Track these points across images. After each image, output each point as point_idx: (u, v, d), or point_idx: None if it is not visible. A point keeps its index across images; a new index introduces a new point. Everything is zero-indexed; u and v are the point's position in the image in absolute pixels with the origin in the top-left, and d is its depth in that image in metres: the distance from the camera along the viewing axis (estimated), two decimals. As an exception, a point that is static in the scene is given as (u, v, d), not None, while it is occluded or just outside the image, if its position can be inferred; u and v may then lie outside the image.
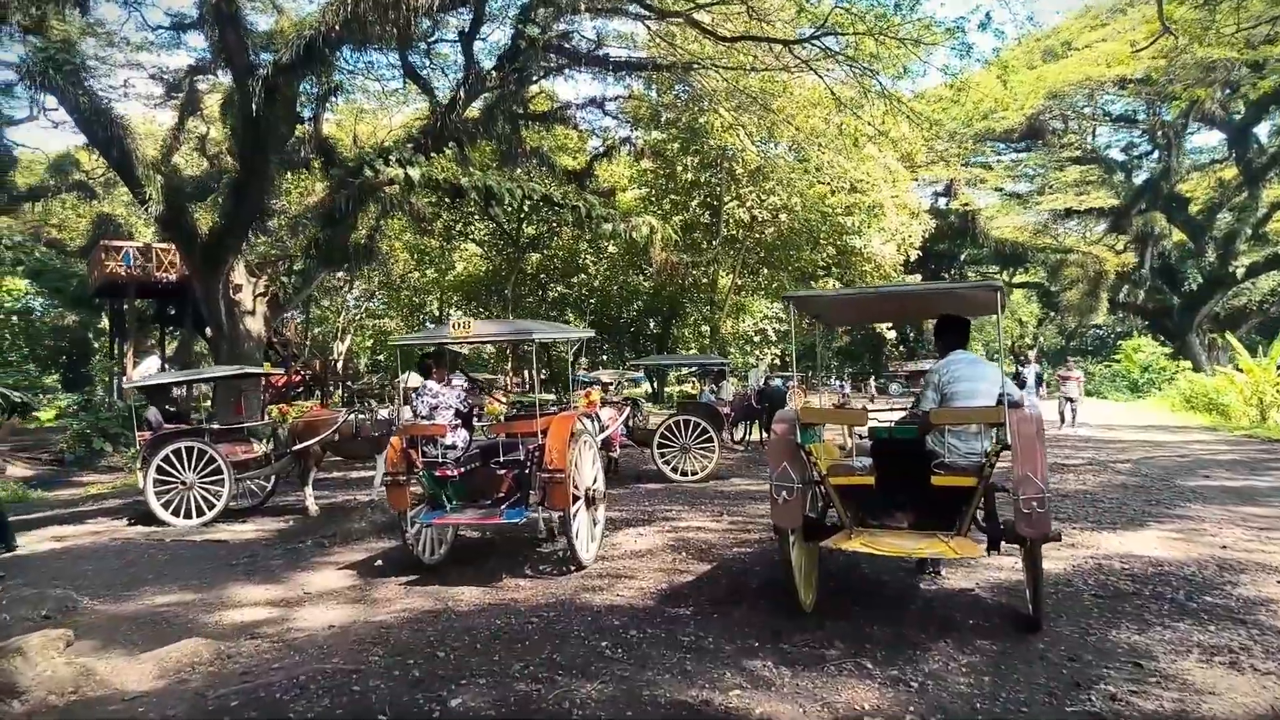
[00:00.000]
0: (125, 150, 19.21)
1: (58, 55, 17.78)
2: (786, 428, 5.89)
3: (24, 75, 18.85)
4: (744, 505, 11.27)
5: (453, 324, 7.19)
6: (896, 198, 28.82)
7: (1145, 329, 44.08)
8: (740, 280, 32.82)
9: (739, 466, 15.71)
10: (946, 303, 6.19)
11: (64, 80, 17.92)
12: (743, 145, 27.88)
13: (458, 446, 7.46)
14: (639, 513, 10.77)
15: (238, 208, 20.33)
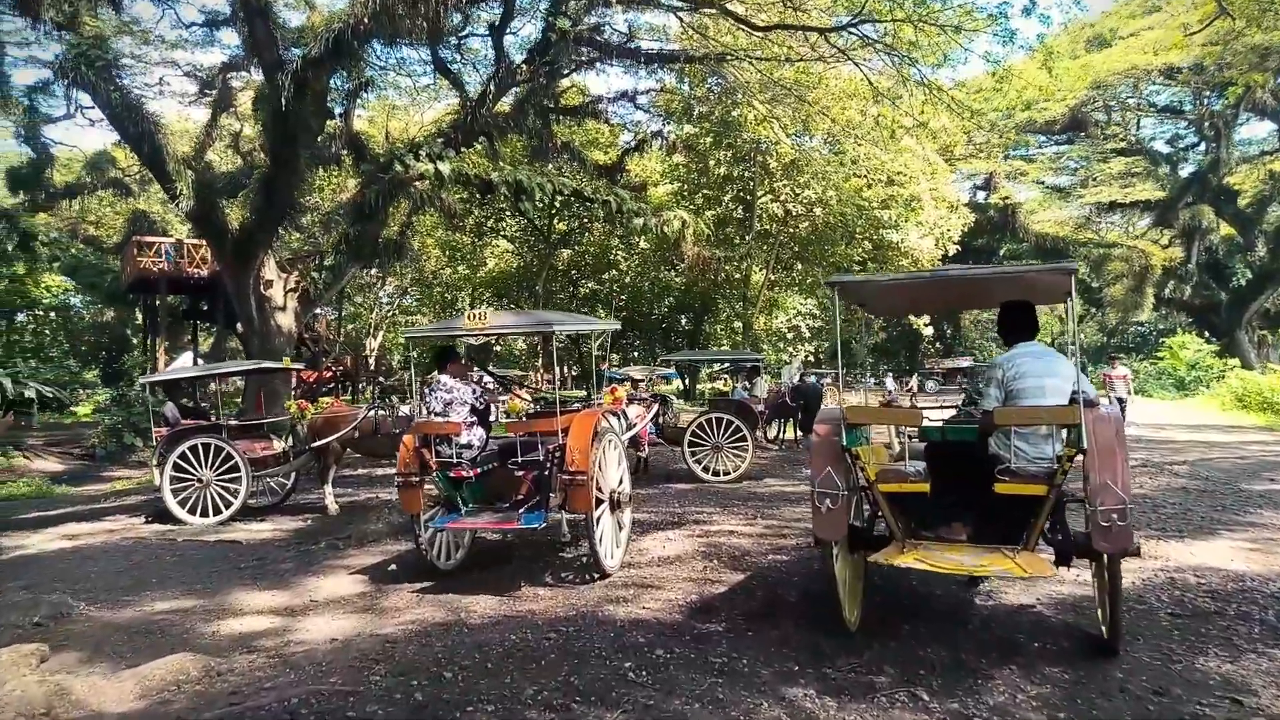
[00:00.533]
0: (156, 146, 19.00)
1: (90, 51, 17.61)
2: (830, 429, 5.27)
3: (57, 71, 18.75)
4: (779, 508, 10.64)
5: (468, 315, 6.66)
6: (935, 190, 27.90)
7: (1190, 326, 42.71)
8: (774, 275, 32.07)
9: (773, 466, 15.07)
10: (1011, 288, 5.51)
11: (96, 76, 17.74)
12: (777, 138, 27.16)
13: (474, 446, 6.91)
14: (668, 515, 10.19)
15: (268, 203, 20.05)
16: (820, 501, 5.12)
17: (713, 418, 13.17)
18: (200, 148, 25.94)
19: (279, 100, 18.37)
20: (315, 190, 30.43)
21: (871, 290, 5.70)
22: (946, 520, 5.29)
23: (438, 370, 7.13)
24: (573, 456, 6.60)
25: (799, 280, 32.62)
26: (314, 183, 27.78)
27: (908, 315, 13.50)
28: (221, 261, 21.63)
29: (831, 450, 5.19)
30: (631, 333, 39.57)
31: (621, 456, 7.60)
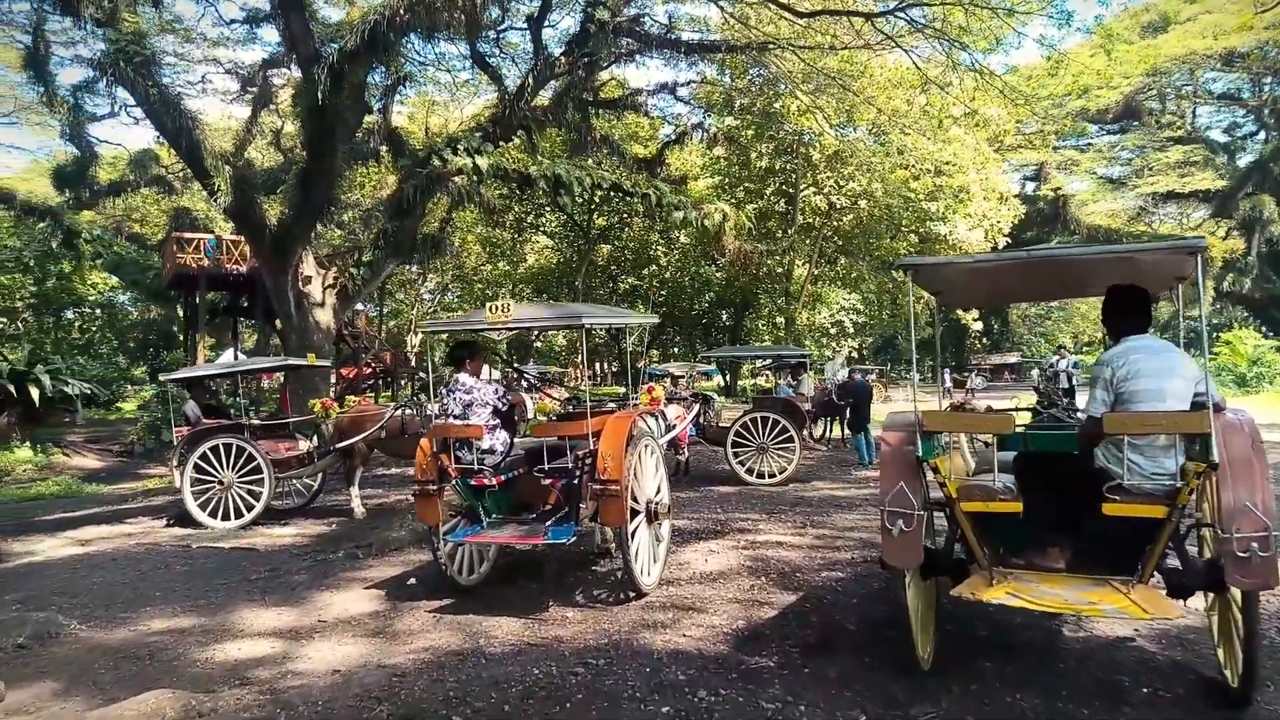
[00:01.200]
0: (194, 141, 18.64)
1: (128, 47, 17.32)
2: (902, 436, 4.45)
3: (96, 66, 18.47)
4: (830, 515, 9.80)
5: (490, 307, 5.92)
6: (985, 180, 26.67)
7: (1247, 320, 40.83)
8: (817, 270, 31.04)
9: (820, 467, 14.20)
10: (1119, 271, 4.63)
11: (134, 71, 17.42)
12: (820, 129, 26.16)
13: (496, 451, 6.17)
14: (710, 522, 9.39)
15: (305, 198, 19.61)
16: (891, 522, 4.31)
17: (757, 417, 12.35)
18: (240, 145, 25.59)
19: (315, 94, 17.95)
20: (355, 187, 30.09)
21: (951, 274, 4.84)
22: (1041, 545, 4.45)
23: (455, 368, 6.41)
24: (605, 464, 5.85)
25: (843, 274, 31.56)
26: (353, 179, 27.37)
27: (989, 304, 12.38)
28: (260, 257, 21.28)
29: (904, 462, 4.38)
30: (671, 329, 38.78)
31: (659, 463, 6.83)
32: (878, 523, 8.93)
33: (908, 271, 4.52)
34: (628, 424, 6.18)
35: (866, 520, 9.32)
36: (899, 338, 39.04)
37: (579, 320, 6.03)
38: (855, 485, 12.30)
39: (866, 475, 13.36)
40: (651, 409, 7.46)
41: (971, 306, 16.39)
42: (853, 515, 9.71)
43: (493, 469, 6.11)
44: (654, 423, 8.05)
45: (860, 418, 14.40)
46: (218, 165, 19.13)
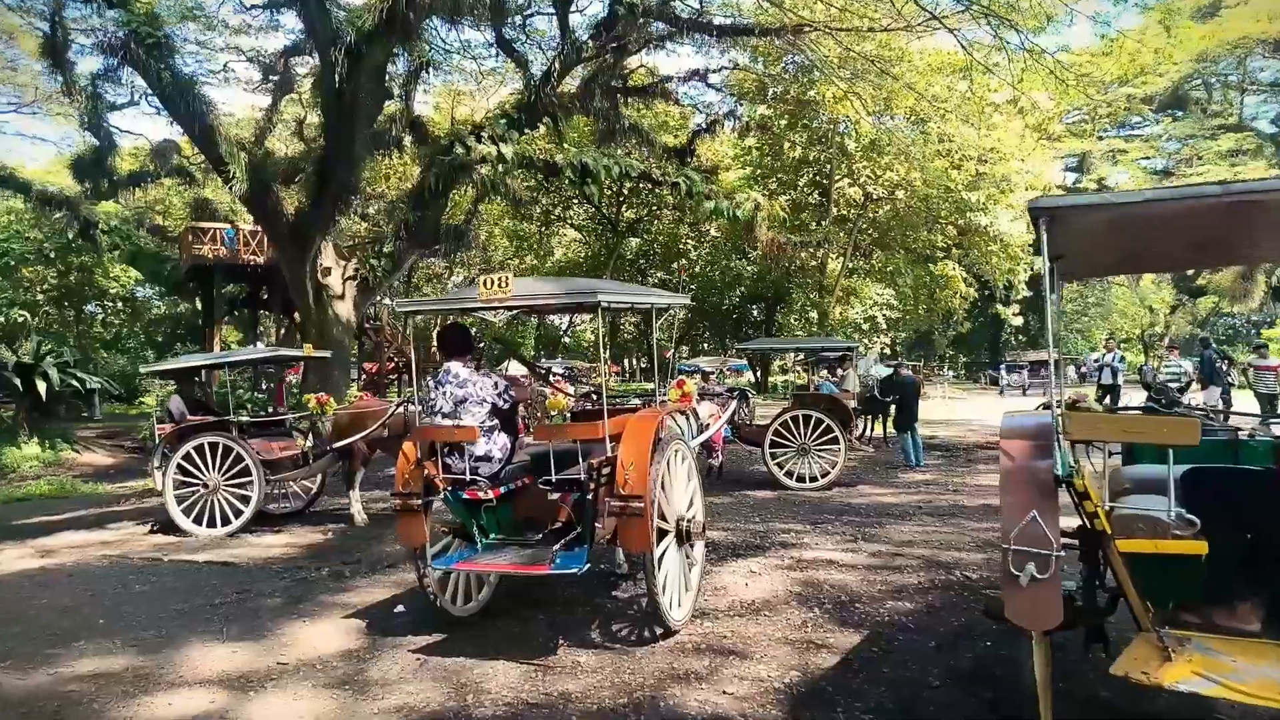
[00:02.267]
0: (207, 126, 17.71)
1: (140, 29, 16.41)
2: (1032, 447, 3.18)
3: (106, 50, 17.58)
4: (883, 525, 8.50)
5: (484, 281, 4.72)
6: (1031, 168, 25.07)
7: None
8: (851, 263, 29.58)
9: (864, 470, 12.88)
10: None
11: (146, 54, 16.51)
12: (857, 117, 24.73)
13: (493, 458, 4.96)
14: (748, 535, 8.14)
15: (323, 185, 18.64)
16: (1019, 565, 3.04)
17: (798, 415, 11.06)
18: (261, 133, 24.66)
19: (333, 77, 16.95)
20: (380, 179, 29.13)
21: (1096, 223, 3.53)
22: (1227, 598, 3.16)
23: (445, 355, 5.20)
24: (625, 474, 4.64)
25: (878, 268, 30.05)
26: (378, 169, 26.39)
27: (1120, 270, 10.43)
28: (277, 248, 20.38)
29: (1037, 482, 3.11)
30: (701, 324, 37.45)
31: (692, 471, 5.61)
32: (939, 535, 7.62)
33: (1040, 220, 3.24)
34: (653, 425, 4.96)
35: (925, 533, 8.04)
36: (935, 333, 37.47)
37: (593, 297, 4.78)
38: (906, 490, 10.98)
39: (916, 478, 12.05)
40: (682, 406, 6.22)
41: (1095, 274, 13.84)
42: (908, 527, 8.42)
43: (489, 480, 4.91)
44: (685, 422, 6.84)
45: (907, 415, 13.05)
46: (233, 151, 18.21)
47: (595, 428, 4.81)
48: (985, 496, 10.18)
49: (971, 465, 13.29)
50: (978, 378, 45.24)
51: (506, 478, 5.01)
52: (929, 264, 29.87)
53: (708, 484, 11.12)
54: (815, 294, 30.05)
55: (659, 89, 26.44)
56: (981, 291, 32.44)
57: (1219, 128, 33.27)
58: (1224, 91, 34.43)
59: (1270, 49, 30.90)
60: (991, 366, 44.29)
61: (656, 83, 26.36)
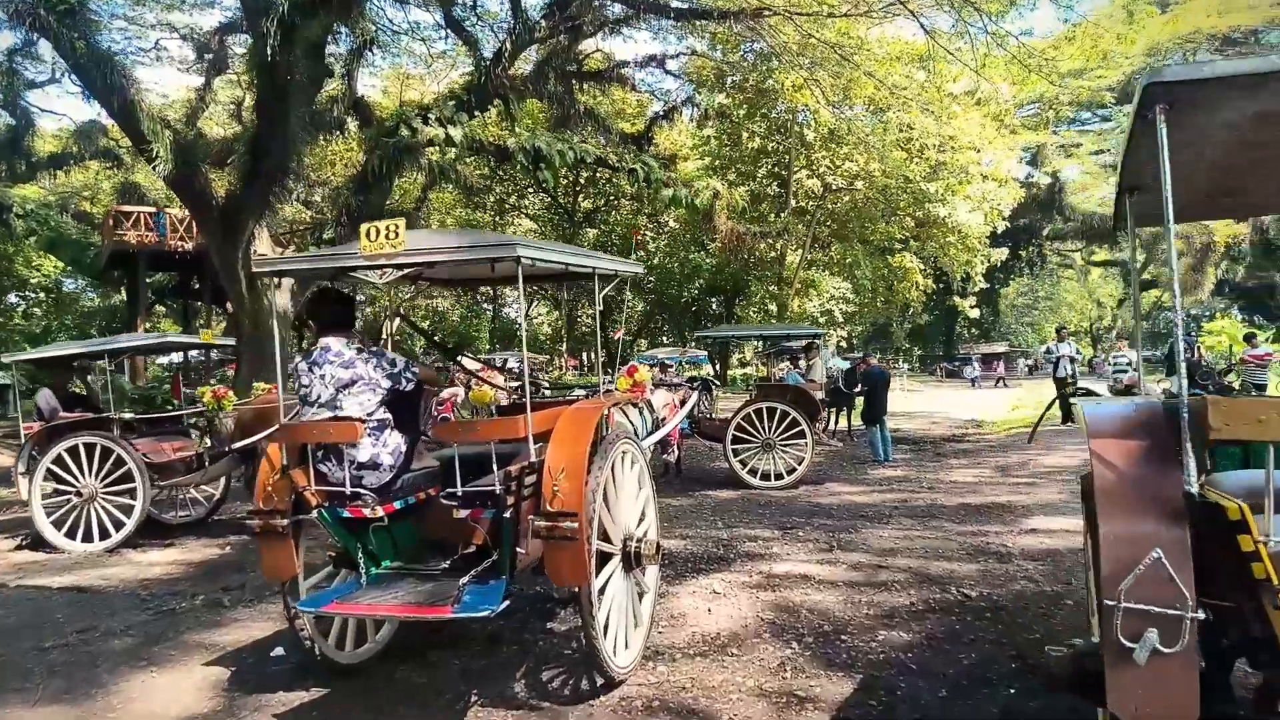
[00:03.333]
0: (128, 101, 16.08)
1: (49, -8, 14.72)
2: (1146, 451, 2.07)
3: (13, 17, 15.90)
4: (859, 530, 7.43)
5: (368, 231, 3.51)
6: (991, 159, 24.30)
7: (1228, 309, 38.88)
8: (810, 255, 28.66)
9: (831, 465, 11.86)
10: None
11: (57, 22, 14.84)
12: (816, 106, 23.77)
13: (382, 463, 3.73)
14: (710, 543, 7.02)
15: (256, 167, 17.12)
16: (1133, 634, 1.94)
17: (762, 408, 9.98)
18: (193, 113, 22.98)
19: (265, 50, 15.47)
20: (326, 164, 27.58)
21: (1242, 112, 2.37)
22: None
23: (317, 332, 3.96)
24: (554, 484, 3.47)
25: (837, 259, 29.17)
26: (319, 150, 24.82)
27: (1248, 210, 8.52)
28: (206, 233, 18.84)
29: (1159, 504, 2.00)
30: (660, 316, 36.35)
31: (644, 477, 4.45)
32: (923, 541, 6.57)
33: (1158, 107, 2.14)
34: (593, 421, 3.80)
35: (907, 539, 6.99)
36: (893, 325, 36.83)
37: (511, 252, 3.57)
38: (878, 488, 9.95)
39: (887, 474, 11.04)
40: (633, 397, 5.07)
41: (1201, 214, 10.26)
42: (887, 531, 7.36)
43: (378, 492, 3.70)
44: (639, 417, 5.69)
45: (876, 408, 12.05)
46: (156, 129, 16.60)
47: (514, 424, 3.62)
48: (963, 494, 9.21)
49: (942, 460, 12.34)
50: (933, 370, 44.80)
51: (403, 489, 3.81)
52: (887, 256, 29.07)
53: (664, 483, 10.00)
54: (774, 286, 29.11)
55: (615, 74, 25.31)
56: (938, 283, 31.76)
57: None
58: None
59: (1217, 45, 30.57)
60: (947, 360, 43.95)
61: (612, 68, 25.23)
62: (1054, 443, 13.25)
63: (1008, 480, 10.03)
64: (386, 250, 3.48)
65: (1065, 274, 46.27)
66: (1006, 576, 5.67)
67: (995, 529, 7.32)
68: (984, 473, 10.78)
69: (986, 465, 11.49)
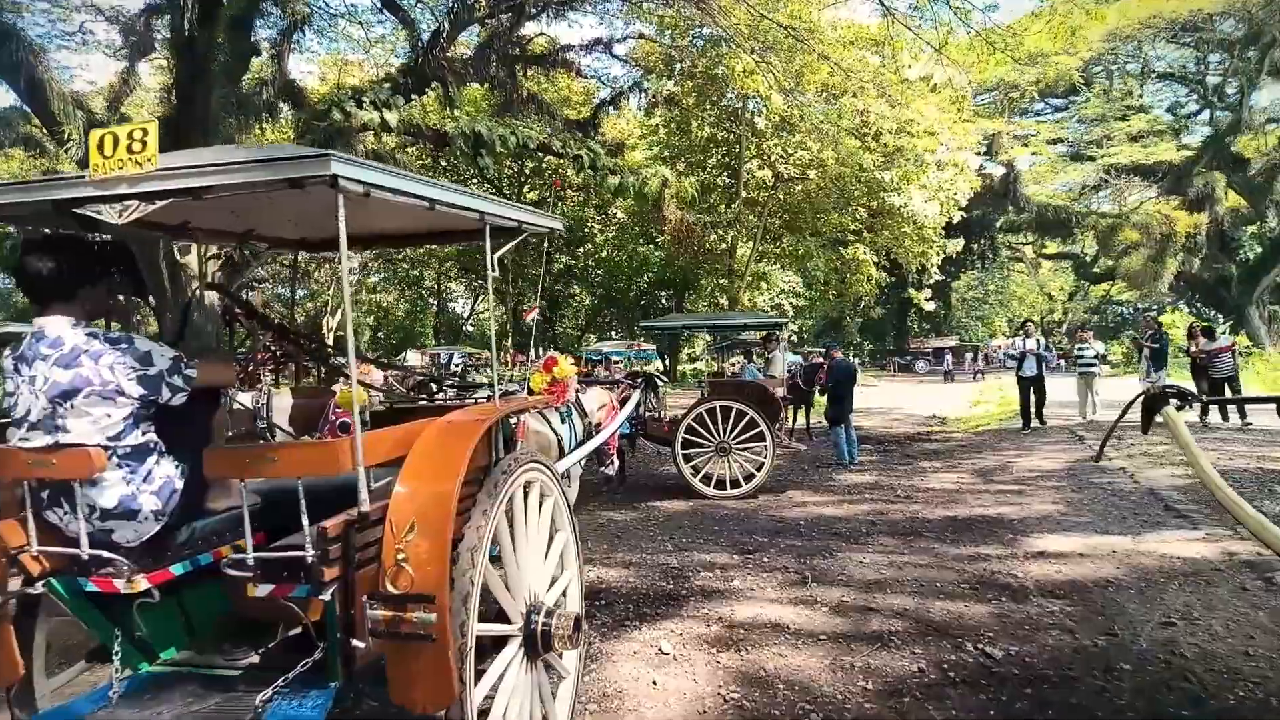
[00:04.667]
0: (35, 79, 14.27)
1: (-72, -52, 12.95)
2: None
3: (-117, -28, 14.04)
4: (834, 554, 6.20)
5: (98, 144, 2.15)
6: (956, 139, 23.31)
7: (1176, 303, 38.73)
8: (761, 247, 27.56)
9: (793, 470, 10.64)
10: None
11: (-58, -16, 13.07)
12: (768, 91, 22.65)
13: (142, 510, 2.36)
14: (657, 573, 5.73)
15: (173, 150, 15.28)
16: None
17: (716, 407, 8.71)
18: (116, 97, 21.07)
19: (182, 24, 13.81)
20: (255, 149, 25.72)
21: None
22: None
23: (39, 308, 2.54)
24: (398, 550, 2.14)
25: (789, 251, 28.11)
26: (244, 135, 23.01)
27: None
28: (124, 221, 16.96)
29: None
30: (608, 311, 35.04)
31: (562, 517, 3.12)
32: (913, 569, 5.34)
33: None
34: (468, 441, 2.46)
35: (893, 566, 5.78)
36: (845, 318, 35.95)
37: (323, 169, 2.17)
38: (848, 497, 8.74)
39: (854, 479, 9.86)
40: (552, 398, 3.74)
41: None
42: (869, 555, 6.14)
43: (139, 553, 2.34)
44: (564, 424, 4.38)
45: (842, 406, 10.87)
46: (68, 110, 14.81)
47: (334, 452, 2.25)
48: (945, 505, 8.04)
49: (912, 462, 11.18)
50: (885, 364, 44.07)
51: (188, 546, 2.44)
52: (840, 248, 28.11)
53: (605, 495, 8.71)
54: (724, 279, 27.97)
55: (559, 59, 23.95)
56: (891, 276, 30.91)
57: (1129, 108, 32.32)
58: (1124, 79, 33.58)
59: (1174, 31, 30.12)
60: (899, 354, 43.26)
61: (557, 51, 23.87)
62: (1026, 443, 12.23)
63: (991, 487, 8.89)
64: (129, 172, 2.12)
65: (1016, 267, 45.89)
66: (1031, 624, 4.46)
67: (995, 551, 6.13)
68: (963, 478, 9.64)
69: (963, 469, 10.37)
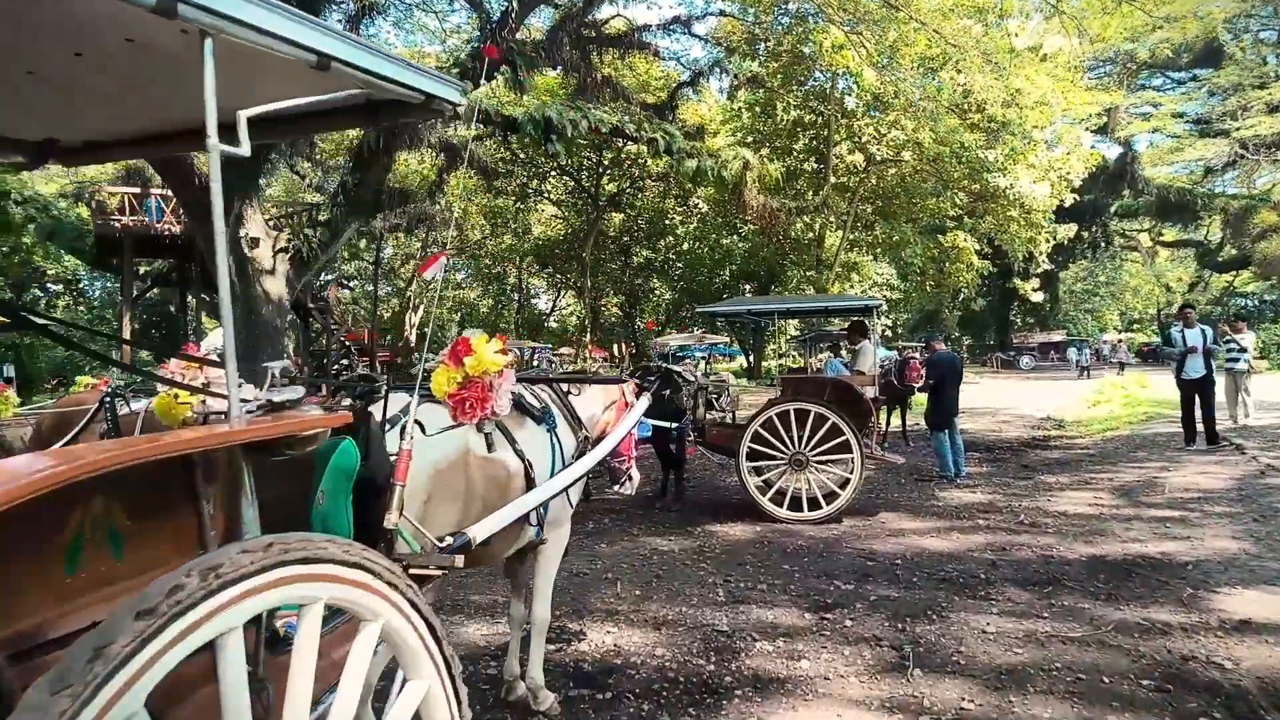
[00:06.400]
0: None
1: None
2: None
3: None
4: (944, 615, 4.41)
5: None
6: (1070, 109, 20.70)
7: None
8: (852, 235, 25.40)
9: (884, 485, 8.76)
10: None
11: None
12: (858, 67, 20.56)
13: None
14: (694, 640, 4.08)
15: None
16: None
17: (789, 410, 6.98)
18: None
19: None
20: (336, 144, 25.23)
21: None
22: None
23: None
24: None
25: (881, 240, 25.84)
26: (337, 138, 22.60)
27: None
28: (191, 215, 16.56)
29: None
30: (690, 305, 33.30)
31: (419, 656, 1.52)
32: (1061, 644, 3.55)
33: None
34: None
35: (1036, 641, 3.99)
36: (943, 311, 33.13)
37: None
38: (956, 523, 6.85)
39: (962, 498, 7.93)
40: (472, 408, 2.14)
41: None
42: (994, 620, 4.35)
43: None
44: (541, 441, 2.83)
45: (946, 408, 8.95)
46: None
47: None
48: (1086, 536, 6.12)
49: (1031, 475, 9.12)
50: (986, 360, 40.72)
51: None
52: (938, 235, 25.68)
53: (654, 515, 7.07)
54: (812, 270, 25.90)
55: (636, 40, 22.47)
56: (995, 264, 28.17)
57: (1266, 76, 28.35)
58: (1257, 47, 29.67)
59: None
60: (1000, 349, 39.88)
61: (633, 32, 22.40)
62: (1170, 453, 10.01)
63: (1142, 512, 6.88)
64: None
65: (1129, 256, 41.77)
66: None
67: (1174, 616, 4.26)
68: (1101, 498, 7.61)
69: (1097, 485, 8.31)
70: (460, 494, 2.47)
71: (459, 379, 2.13)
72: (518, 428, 2.88)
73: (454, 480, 2.44)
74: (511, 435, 2.78)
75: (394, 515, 1.87)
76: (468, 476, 2.51)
